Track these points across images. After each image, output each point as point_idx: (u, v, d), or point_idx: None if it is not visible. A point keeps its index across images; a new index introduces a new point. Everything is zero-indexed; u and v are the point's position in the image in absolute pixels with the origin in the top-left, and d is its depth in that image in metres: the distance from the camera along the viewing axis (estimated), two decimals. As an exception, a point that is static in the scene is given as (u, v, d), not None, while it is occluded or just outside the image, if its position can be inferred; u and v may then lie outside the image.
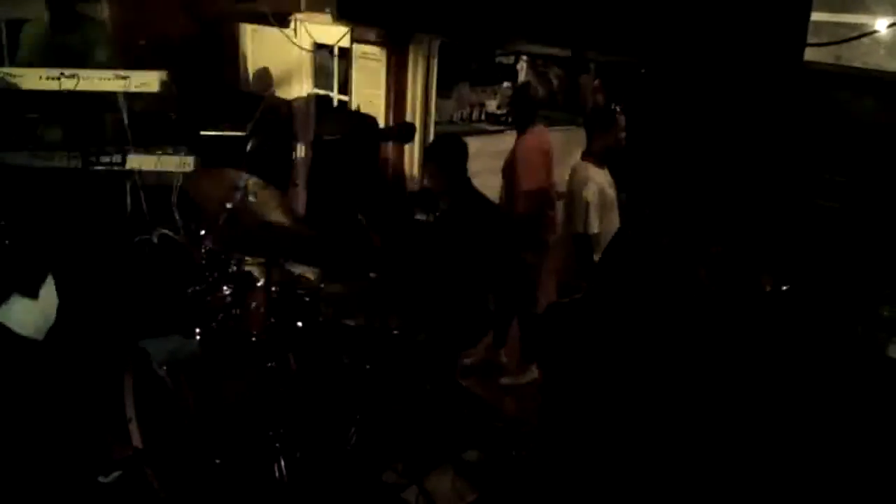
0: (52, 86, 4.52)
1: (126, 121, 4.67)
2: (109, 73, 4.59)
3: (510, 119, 7.41)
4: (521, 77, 8.94)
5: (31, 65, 4.83)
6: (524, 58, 8.82)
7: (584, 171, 4.47)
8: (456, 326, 3.96)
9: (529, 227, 5.00)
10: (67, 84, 4.51)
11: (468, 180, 4.27)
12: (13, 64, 5.05)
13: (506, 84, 8.79)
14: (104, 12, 5.87)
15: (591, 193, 4.36)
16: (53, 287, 3.11)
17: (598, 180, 4.43)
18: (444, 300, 3.94)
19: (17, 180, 4.51)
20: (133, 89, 4.60)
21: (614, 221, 4.51)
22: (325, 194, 5.42)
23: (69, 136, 4.79)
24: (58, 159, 4.63)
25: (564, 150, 5.73)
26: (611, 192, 4.51)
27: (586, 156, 4.54)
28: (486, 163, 5.68)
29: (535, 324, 4.95)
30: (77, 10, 5.14)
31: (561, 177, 5.11)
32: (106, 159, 4.70)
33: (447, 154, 4.28)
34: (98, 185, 4.74)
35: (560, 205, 4.94)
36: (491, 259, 4.15)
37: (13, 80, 4.52)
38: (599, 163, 4.48)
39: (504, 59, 9.00)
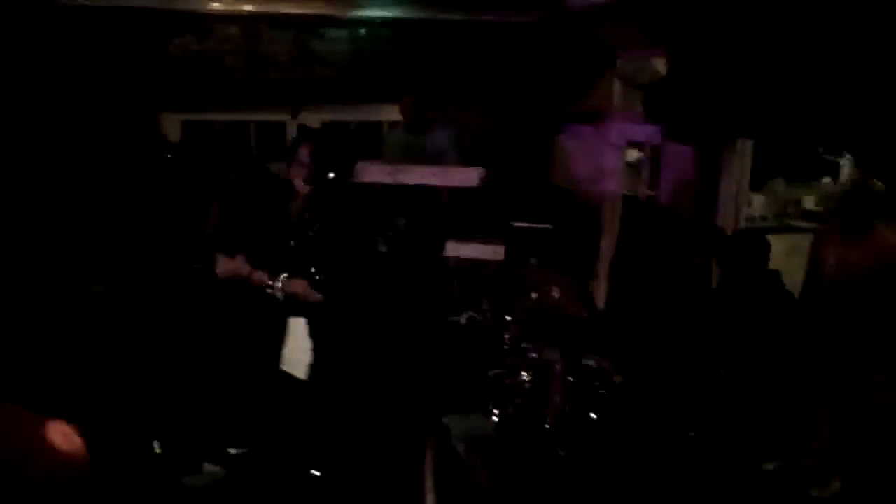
0: (387, 179, 5.08)
1: (447, 212, 5.11)
2: (434, 169, 5.07)
3: (829, 217, 6.95)
4: (844, 173, 8.36)
5: (391, 160, 5.54)
6: (847, 154, 8.27)
7: None
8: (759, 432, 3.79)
9: None
10: (400, 178, 5.05)
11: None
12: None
13: (825, 180, 8.28)
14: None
15: None
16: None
17: None
18: (769, 408, 3.80)
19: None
20: (454, 184, 5.03)
21: None
22: (628, 290, 5.46)
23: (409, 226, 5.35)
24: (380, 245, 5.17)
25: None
26: None
27: None
28: (800, 261, 5.40)
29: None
30: (427, 116, 5.87)
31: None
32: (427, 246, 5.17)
33: (746, 252, 4.16)
34: (417, 267, 5.21)
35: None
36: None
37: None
38: None
39: (826, 154, 8.50)
